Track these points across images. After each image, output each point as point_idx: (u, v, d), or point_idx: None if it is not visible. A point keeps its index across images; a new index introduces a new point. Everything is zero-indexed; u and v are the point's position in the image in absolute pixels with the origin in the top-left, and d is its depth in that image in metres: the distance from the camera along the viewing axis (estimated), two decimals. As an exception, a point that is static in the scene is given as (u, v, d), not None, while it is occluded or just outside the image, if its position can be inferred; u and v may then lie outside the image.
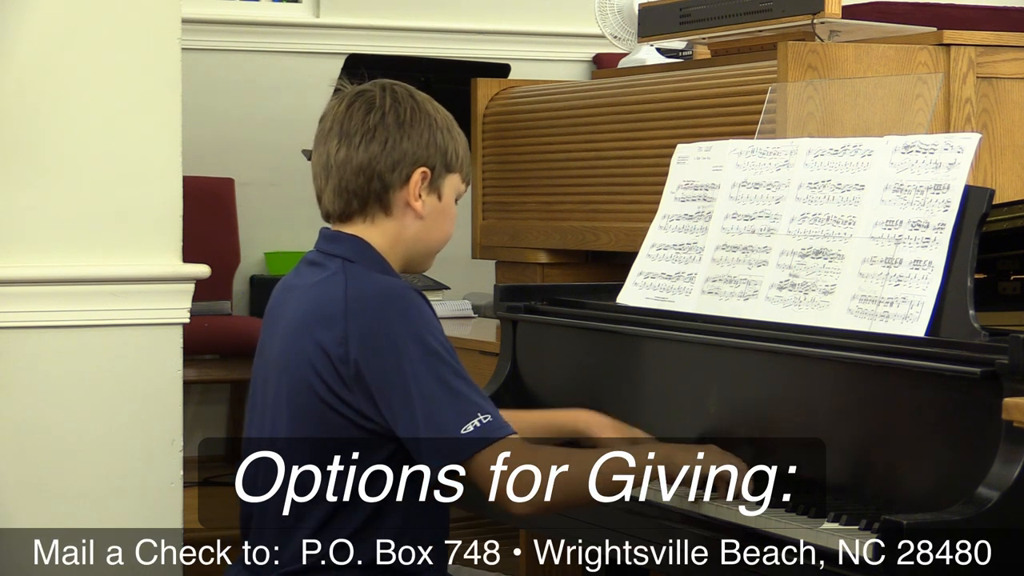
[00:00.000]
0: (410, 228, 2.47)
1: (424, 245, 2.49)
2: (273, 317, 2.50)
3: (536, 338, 3.12)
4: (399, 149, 2.44)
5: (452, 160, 2.48)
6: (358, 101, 2.47)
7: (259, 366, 2.50)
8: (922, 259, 2.48)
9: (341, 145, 2.44)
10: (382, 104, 2.45)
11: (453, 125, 2.50)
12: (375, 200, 2.45)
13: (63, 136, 3.41)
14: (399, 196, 2.45)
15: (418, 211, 2.46)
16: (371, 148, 2.43)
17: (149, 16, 3.46)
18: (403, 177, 2.44)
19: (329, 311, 2.37)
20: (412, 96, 2.47)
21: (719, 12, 3.81)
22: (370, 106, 2.45)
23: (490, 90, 4.54)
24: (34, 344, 3.40)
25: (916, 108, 2.92)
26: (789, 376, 2.56)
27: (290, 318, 2.43)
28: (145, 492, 3.45)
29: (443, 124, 2.47)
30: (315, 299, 2.41)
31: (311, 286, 2.43)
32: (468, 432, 2.31)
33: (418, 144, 2.44)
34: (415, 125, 2.44)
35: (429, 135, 2.45)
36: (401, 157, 2.44)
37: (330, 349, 2.35)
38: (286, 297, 2.48)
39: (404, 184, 2.45)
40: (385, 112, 2.44)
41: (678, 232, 2.96)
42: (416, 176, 2.45)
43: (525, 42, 6.33)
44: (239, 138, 6.00)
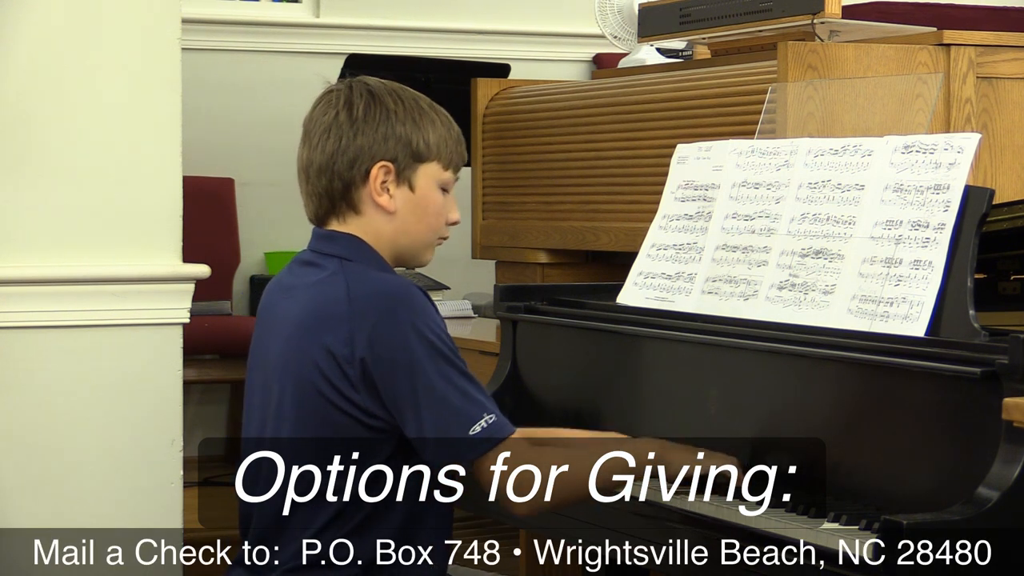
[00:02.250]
0: (384, 225, 2.44)
1: (408, 239, 2.47)
2: (269, 317, 2.48)
3: (536, 338, 3.12)
4: (354, 146, 2.42)
5: (420, 150, 2.44)
6: (321, 102, 2.47)
7: (255, 366, 2.50)
8: (922, 259, 2.48)
9: (305, 147, 2.47)
10: (336, 102, 2.45)
11: (425, 113, 2.45)
12: (340, 199, 2.44)
13: (63, 136, 3.41)
14: (363, 193, 2.44)
15: (385, 207, 2.43)
16: (328, 147, 2.43)
17: (149, 16, 3.45)
18: (363, 173, 2.43)
19: (332, 311, 2.36)
20: (370, 91, 2.45)
21: (719, 12, 3.81)
22: (327, 106, 2.46)
23: (490, 90, 4.54)
24: (34, 344, 3.40)
25: (916, 108, 2.92)
26: (789, 376, 2.56)
27: (290, 319, 2.42)
28: (145, 492, 3.45)
29: (406, 115, 2.44)
30: (316, 300, 2.40)
31: (310, 286, 2.42)
32: (476, 433, 2.31)
33: (373, 139, 2.42)
34: (368, 120, 2.42)
35: (387, 128, 2.42)
36: (357, 153, 2.42)
37: (335, 350, 2.34)
38: (283, 297, 2.47)
39: (365, 180, 2.43)
40: (339, 110, 2.44)
41: (678, 232, 2.96)
42: (375, 171, 2.42)
43: (525, 42, 6.33)
44: (239, 138, 6.00)
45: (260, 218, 6.01)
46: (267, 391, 2.44)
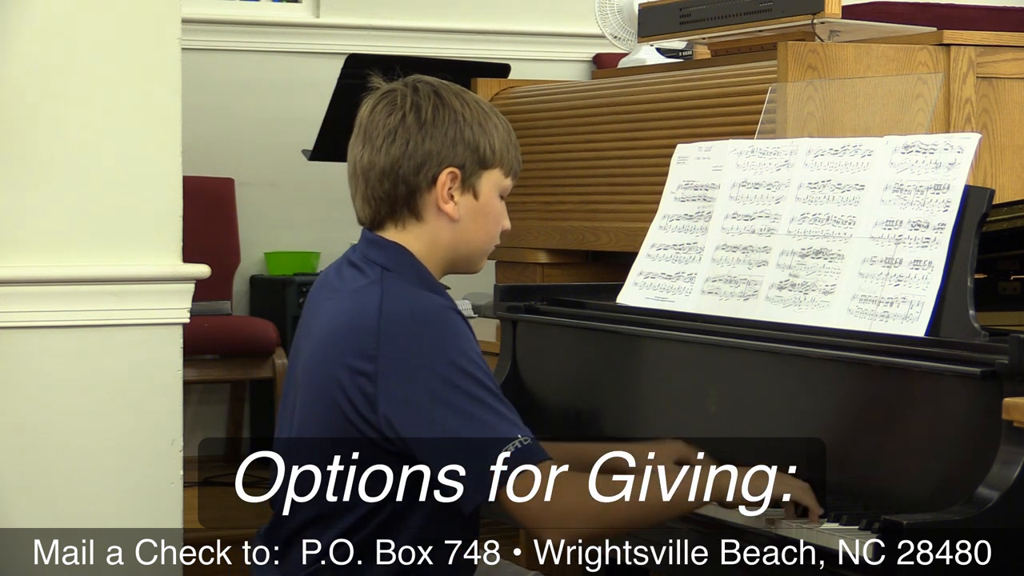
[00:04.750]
0: (445, 232, 2.38)
1: (467, 247, 2.40)
2: (312, 315, 2.42)
3: (536, 338, 3.12)
4: (422, 150, 2.34)
5: (487, 155, 2.37)
6: (381, 102, 2.39)
7: (292, 365, 2.45)
8: (922, 259, 2.48)
9: (364, 149, 2.37)
10: (403, 104, 2.36)
11: (488, 118, 2.39)
12: (403, 206, 2.36)
13: (63, 136, 3.41)
14: (428, 200, 2.36)
15: (450, 214, 2.37)
16: (393, 151, 2.34)
17: (149, 16, 3.46)
18: (429, 179, 2.35)
19: (362, 324, 2.29)
20: (437, 93, 2.38)
21: (719, 12, 3.81)
22: (391, 107, 2.37)
23: (490, 90, 4.54)
24: (34, 344, 3.40)
25: (916, 108, 2.92)
26: (789, 376, 2.56)
27: (324, 325, 2.36)
28: (145, 492, 3.45)
29: (473, 119, 2.37)
30: (350, 310, 2.33)
31: (350, 293, 2.35)
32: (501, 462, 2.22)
33: (442, 143, 2.34)
34: (438, 124, 2.35)
35: (455, 132, 2.35)
36: (425, 158, 2.34)
37: (358, 366, 2.28)
38: (326, 297, 2.41)
39: (431, 187, 2.35)
40: (406, 112, 2.35)
41: (678, 232, 2.96)
42: (443, 177, 2.35)
43: (525, 42, 6.33)
44: (239, 138, 6.00)
45: (260, 218, 6.01)
46: (296, 395, 2.40)
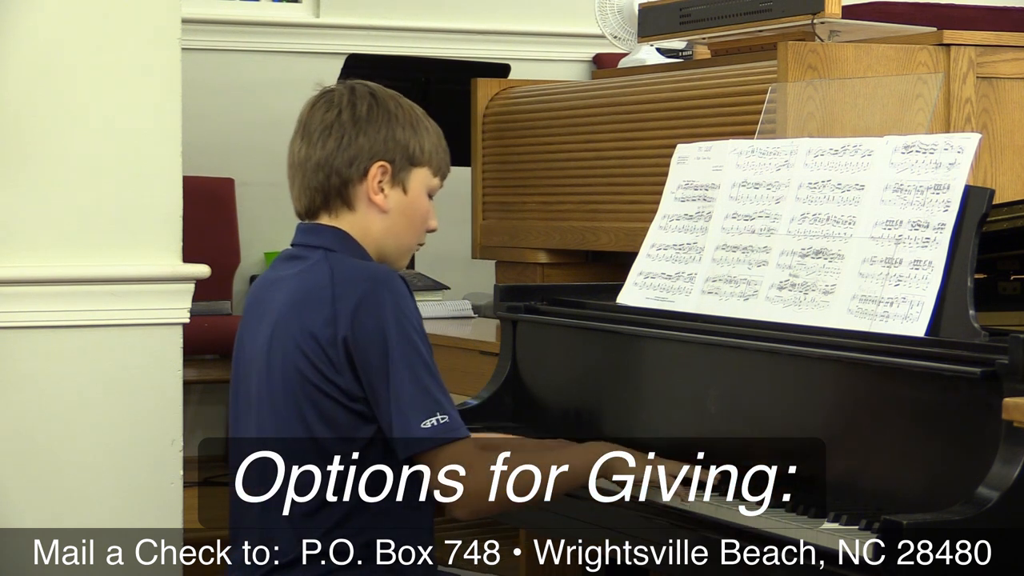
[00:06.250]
0: (376, 223, 2.51)
1: (395, 240, 2.53)
2: (255, 312, 2.53)
3: (536, 338, 3.12)
4: (355, 145, 2.49)
5: (416, 154, 2.52)
6: (320, 101, 2.53)
7: (240, 362, 2.53)
8: (922, 259, 2.48)
9: (302, 144, 2.52)
10: (339, 102, 2.51)
11: (420, 121, 2.54)
12: (336, 195, 2.50)
13: (63, 136, 3.41)
14: (360, 191, 2.50)
15: (380, 205, 2.50)
16: (328, 145, 2.49)
17: (149, 16, 3.45)
18: (361, 171, 2.49)
19: (316, 295, 2.41)
20: (372, 94, 2.53)
21: (719, 12, 3.81)
22: (328, 105, 2.52)
23: (490, 90, 4.54)
24: (34, 344, 3.40)
25: (916, 108, 2.92)
26: (789, 376, 2.56)
27: (275, 307, 2.46)
28: (145, 492, 3.45)
29: (405, 120, 2.52)
30: (301, 286, 2.44)
31: (294, 275, 2.47)
32: (425, 428, 2.35)
33: (375, 139, 2.49)
34: (371, 121, 2.50)
35: (388, 131, 2.50)
36: (358, 152, 2.49)
37: (319, 333, 2.38)
38: (267, 290, 2.52)
39: (363, 178, 2.50)
40: (342, 110, 2.50)
41: (678, 232, 2.96)
42: (374, 170, 2.49)
43: (525, 42, 6.33)
44: (239, 138, 6.00)
45: (260, 218, 6.00)
46: (250, 384, 2.46)
